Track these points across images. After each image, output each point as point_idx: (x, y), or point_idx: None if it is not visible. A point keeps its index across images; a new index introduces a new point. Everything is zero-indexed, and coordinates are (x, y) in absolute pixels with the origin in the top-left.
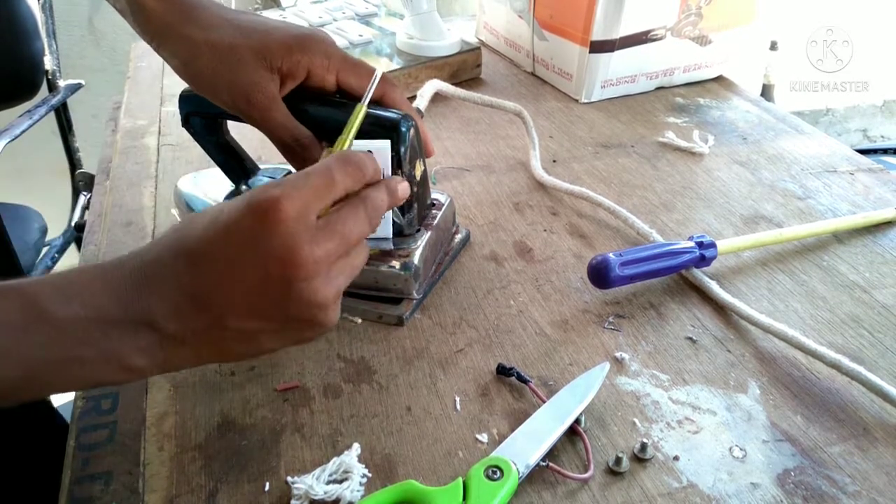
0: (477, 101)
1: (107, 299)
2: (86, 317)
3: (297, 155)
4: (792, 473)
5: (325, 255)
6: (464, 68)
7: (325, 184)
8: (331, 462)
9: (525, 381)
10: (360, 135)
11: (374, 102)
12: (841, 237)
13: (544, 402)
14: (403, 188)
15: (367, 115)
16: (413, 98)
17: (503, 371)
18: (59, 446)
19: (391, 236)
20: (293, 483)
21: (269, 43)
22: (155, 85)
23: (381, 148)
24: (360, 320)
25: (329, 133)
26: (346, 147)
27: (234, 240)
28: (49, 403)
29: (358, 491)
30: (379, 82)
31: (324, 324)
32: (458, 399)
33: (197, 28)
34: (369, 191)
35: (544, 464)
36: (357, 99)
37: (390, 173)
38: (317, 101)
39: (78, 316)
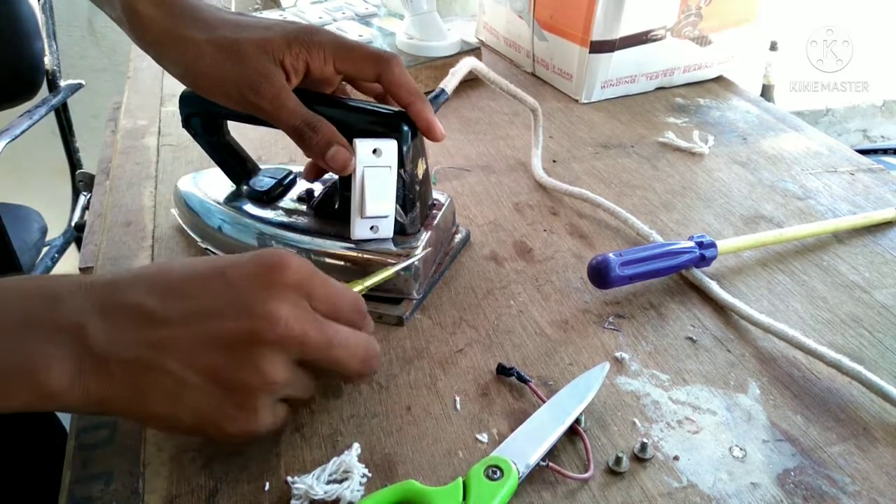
0: (502, 86)
1: (34, 300)
2: (4, 320)
3: (309, 139)
4: (792, 473)
5: (301, 335)
6: None
7: (329, 291)
8: (331, 462)
9: (525, 381)
10: (364, 133)
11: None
12: (841, 237)
13: (544, 401)
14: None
15: (370, 113)
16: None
17: (503, 371)
18: (58, 447)
19: (392, 236)
20: (293, 483)
21: (270, 37)
22: (155, 85)
23: (388, 147)
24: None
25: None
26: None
27: (224, 280)
28: None
29: (358, 491)
30: (381, 62)
31: (252, 409)
32: (458, 399)
33: (197, 29)
34: (368, 342)
35: (544, 463)
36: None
37: (396, 172)
38: (319, 101)
39: None
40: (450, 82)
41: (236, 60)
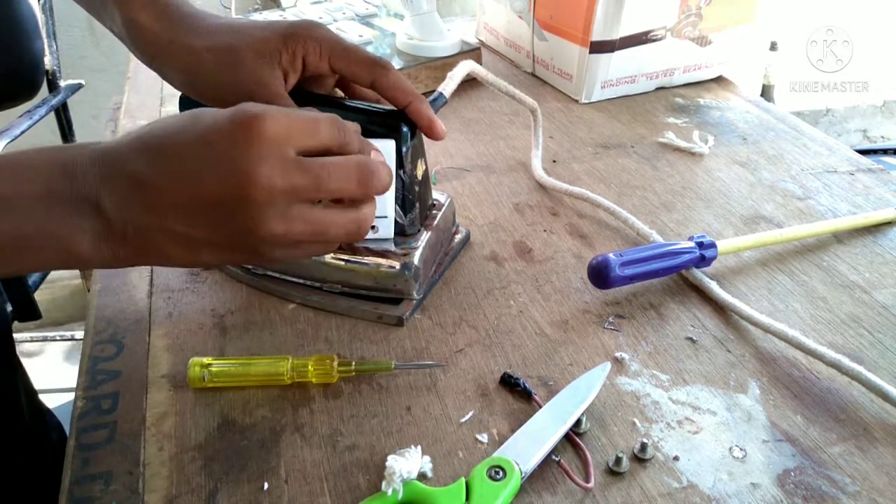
0: (501, 88)
1: (54, 175)
2: (29, 192)
3: None
4: (792, 473)
5: (288, 187)
6: None
7: (309, 124)
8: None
9: (530, 394)
10: (362, 134)
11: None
12: (841, 237)
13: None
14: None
15: (368, 113)
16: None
17: (509, 380)
18: (58, 447)
19: (392, 236)
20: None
21: (266, 38)
22: (155, 85)
23: (386, 148)
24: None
25: None
26: None
27: (203, 143)
28: (44, 408)
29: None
30: (376, 66)
31: (265, 257)
32: (458, 399)
33: (196, 38)
34: (367, 156)
35: (556, 458)
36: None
37: (395, 173)
38: (317, 102)
39: (20, 191)
40: (447, 86)
41: (233, 67)
